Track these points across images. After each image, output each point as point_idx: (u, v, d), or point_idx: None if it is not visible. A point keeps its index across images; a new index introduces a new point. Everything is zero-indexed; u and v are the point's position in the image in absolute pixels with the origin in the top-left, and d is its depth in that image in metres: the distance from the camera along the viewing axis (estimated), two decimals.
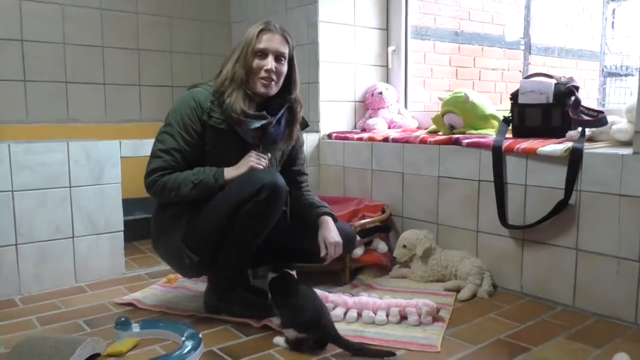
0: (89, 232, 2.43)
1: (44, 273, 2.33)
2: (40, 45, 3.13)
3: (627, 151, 1.93)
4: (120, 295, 2.27)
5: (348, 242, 2.18)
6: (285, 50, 2.00)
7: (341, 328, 1.89)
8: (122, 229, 2.53)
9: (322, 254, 2.08)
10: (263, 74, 1.95)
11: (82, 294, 2.31)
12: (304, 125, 2.22)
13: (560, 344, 1.80)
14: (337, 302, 2.00)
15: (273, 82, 1.98)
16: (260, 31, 1.97)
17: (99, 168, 2.43)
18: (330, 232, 2.09)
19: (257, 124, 1.96)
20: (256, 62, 1.95)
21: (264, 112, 1.97)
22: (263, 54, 1.96)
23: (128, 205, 2.71)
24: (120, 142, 2.49)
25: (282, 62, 1.99)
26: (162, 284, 2.39)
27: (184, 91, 2.06)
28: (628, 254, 1.93)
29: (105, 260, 2.48)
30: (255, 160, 1.95)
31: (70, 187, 2.36)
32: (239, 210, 1.87)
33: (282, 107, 2.03)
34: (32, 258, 2.29)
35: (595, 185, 2.00)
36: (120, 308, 2.14)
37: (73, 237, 2.39)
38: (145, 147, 2.53)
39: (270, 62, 1.95)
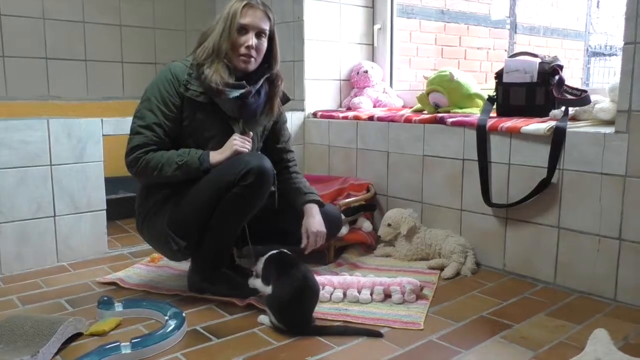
0: (71, 211, 2.40)
1: (25, 252, 2.30)
2: (19, 20, 3.05)
3: (610, 130, 1.94)
4: (103, 274, 2.26)
5: (333, 226, 2.18)
6: (267, 26, 1.98)
7: (326, 307, 1.90)
8: (105, 207, 2.50)
9: (303, 244, 2.07)
10: (243, 50, 1.93)
11: (64, 273, 2.29)
12: (285, 100, 2.19)
13: (542, 320, 1.82)
14: (324, 282, 2.01)
15: (252, 59, 1.96)
16: (244, 6, 1.93)
17: (81, 146, 2.39)
18: (314, 221, 2.07)
19: (235, 93, 1.93)
20: (238, 38, 1.93)
21: (243, 82, 1.95)
22: (244, 29, 1.93)
23: (111, 184, 2.68)
24: (102, 120, 2.45)
25: (263, 38, 1.97)
26: (146, 263, 2.38)
27: None
28: (609, 232, 1.96)
29: (87, 240, 2.46)
30: (239, 143, 1.93)
31: (51, 165, 2.33)
32: (224, 194, 1.86)
33: (261, 77, 2.01)
34: (13, 237, 2.27)
35: (578, 164, 2.01)
36: (102, 287, 2.13)
37: (54, 216, 2.36)
38: (127, 124, 2.45)
39: (251, 39, 1.93)
